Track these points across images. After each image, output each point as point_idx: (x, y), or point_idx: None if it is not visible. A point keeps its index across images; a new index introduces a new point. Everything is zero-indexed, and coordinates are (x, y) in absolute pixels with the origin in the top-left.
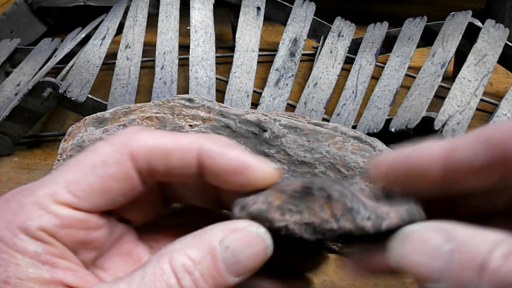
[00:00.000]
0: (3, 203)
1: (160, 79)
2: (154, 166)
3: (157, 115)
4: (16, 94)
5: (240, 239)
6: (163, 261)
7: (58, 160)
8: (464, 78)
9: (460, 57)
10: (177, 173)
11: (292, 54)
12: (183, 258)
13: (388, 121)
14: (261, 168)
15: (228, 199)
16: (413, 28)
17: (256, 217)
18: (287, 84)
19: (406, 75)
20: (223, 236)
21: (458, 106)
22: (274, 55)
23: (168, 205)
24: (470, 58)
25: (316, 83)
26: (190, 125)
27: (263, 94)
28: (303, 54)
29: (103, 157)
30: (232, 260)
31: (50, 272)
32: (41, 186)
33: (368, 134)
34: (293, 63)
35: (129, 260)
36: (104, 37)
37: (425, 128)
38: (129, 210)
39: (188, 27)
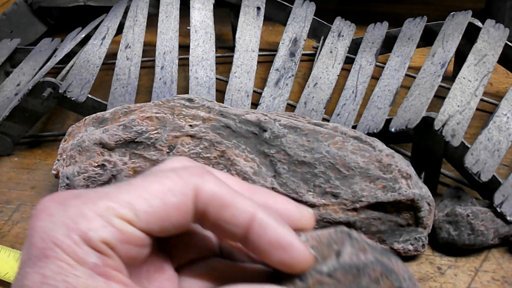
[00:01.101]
0: (58, 206)
1: (160, 79)
2: (208, 211)
3: (157, 115)
4: (16, 94)
5: None
6: None
7: (58, 160)
8: (464, 78)
9: (460, 57)
10: (224, 228)
11: (292, 54)
12: None
13: (388, 121)
14: (303, 251)
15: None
16: (413, 28)
17: None
18: (287, 84)
19: (406, 75)
20: None
21: (458, 106)
22: (274, 55)
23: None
24: (470, 58)
25: (316, 83)
26: (190, 125)
27: (263, 94)
28: (303, 54)
29: (170, 185)
30: None
31: (106, 284)
32: (102, 197)
33: (368, 134)
34: (293, 63)
35: (152, 269)
36: (104, 37)
37: (425, 128)
38: (177, 252)
39: (188, 27)
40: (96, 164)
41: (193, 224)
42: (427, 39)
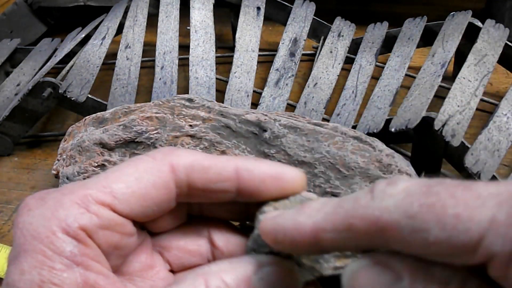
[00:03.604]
0: (37, 200)
1: (160, 79)
2: (193, 179)
3: (157, 115)
4: (16, 94)
5: (275, 273)
6: (198, 282)
7: (58, 160)
8: (464, 78)
9: (460, 57)
10: (214, 189)
11: (292, 54)
12: (218, 282)
13: (388, 121)
14: (295, 173)
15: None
16: (413, 28)
17: None
18: (287, 84)
19: (406, 75)
20: (259, 267)
21: (458, 106)
22: (274, 55)
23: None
24: (470, 58)
25: (316, 83)
26: (190, 125)
27: (263, 94)
28: (303, 54)
29: (145, 167)
30: None
31: (82, 276)
32: (80, 187)
33: (368, 134)
34: (293, 63)
35: (147, 268)
36: (104, 37)
37: (425, 128)
38: (154, 225)
39: (188, 27)
40: (96, 164)
41: (179, 202)
42: (427, 39)
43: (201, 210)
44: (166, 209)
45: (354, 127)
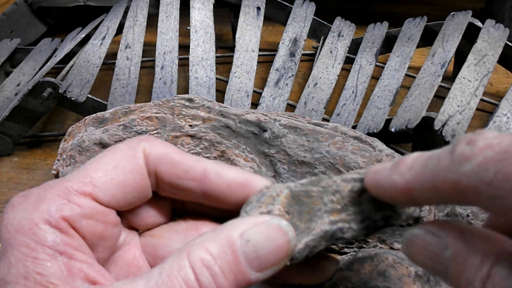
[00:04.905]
0: (21, 197)
1: (160, 79)
2: (161, 170)
3: (157, 115)
4: (16, 94)
5: (262, 232)
6: (181, 256)
7: (58, 160)
8: (464, 78)
9: (460, 57)
10: (180, 186)
11: (292, 54)
12: (201, 252)
13: (388, 121)
14: (263, 182)
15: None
16: (413, 28)
17: None
18: (287, 84)
19: (406, 75)
20: (244, 229)
21: (458, 106)
22: (274, 55)
23: (176, 216)
24: (470, 58)
25: (316, 83)
26: (190, 125)
27: (263, 94)
28: (303, 54)
29: (121, 154)
30: (254, 254)
31: (66, 264)
32: (61, 181)
33: (368, 134)
34: (293, 63)
35: (132, 268)
36: (104, 37)
37: (425, 128)
38: (138, 217)
39: (188, 27)
40: None
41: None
42: (427, 39)
43: (184, 206)
44: (146, 197)
45: (354, 127)
